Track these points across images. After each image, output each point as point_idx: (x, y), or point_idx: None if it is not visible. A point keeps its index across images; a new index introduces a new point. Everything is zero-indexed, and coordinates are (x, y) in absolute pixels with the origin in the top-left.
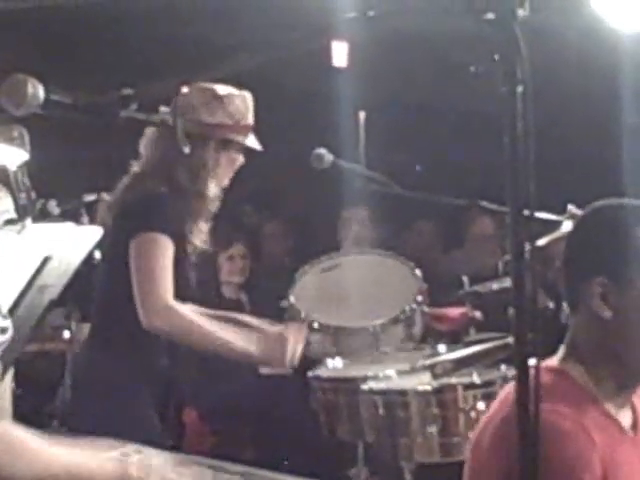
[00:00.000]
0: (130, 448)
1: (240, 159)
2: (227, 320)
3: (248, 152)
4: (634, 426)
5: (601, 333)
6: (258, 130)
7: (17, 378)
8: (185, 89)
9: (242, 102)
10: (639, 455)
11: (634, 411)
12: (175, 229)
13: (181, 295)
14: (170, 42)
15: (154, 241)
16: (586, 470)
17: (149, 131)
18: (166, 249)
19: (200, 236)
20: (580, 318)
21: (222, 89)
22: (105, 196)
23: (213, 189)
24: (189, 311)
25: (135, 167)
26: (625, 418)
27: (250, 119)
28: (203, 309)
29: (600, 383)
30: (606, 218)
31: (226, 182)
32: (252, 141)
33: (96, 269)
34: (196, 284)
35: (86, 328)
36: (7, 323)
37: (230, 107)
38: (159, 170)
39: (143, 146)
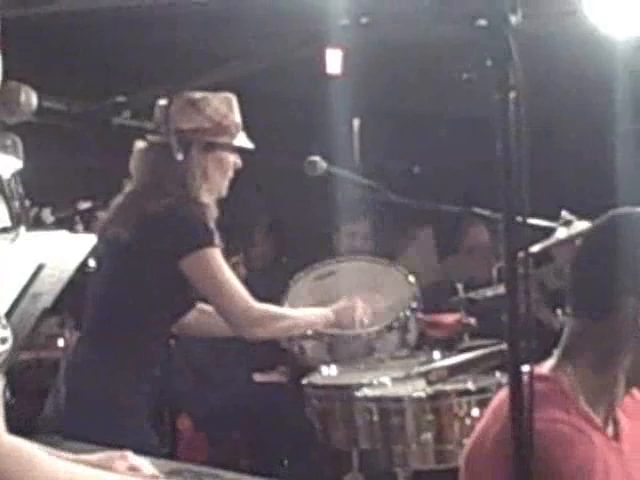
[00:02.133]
0: (125, 455)
1: (231, 159)
2: None
3: (241, 153)
4: (616, 436)
5: (628, 348)
6: (252, 137)
7: (11, 387)
8: (162, 101)
9: (221, 103)
10: (621, 465)
11: (615, 422)
12: (213, 237)
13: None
14: (163, 50)
15: (213, 255)
16: (594, 473)
17: (137, 148)
18: (222, 259)
19: None
20: (602, 328)
21: (197, 94)
22: (104, 213)
23: (207, 195)
24: (272, 308)
25: (129, 185)
26: (608, 428)
27: (233, 118)
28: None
29: (589, 393)
30: (633, 230)
31: (224, 185)
32: (241, 140)
33: (91, 278)
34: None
35: None
36: (7, 333)
37: (207, 110)
38: (156, 184)
39: (133, 163)
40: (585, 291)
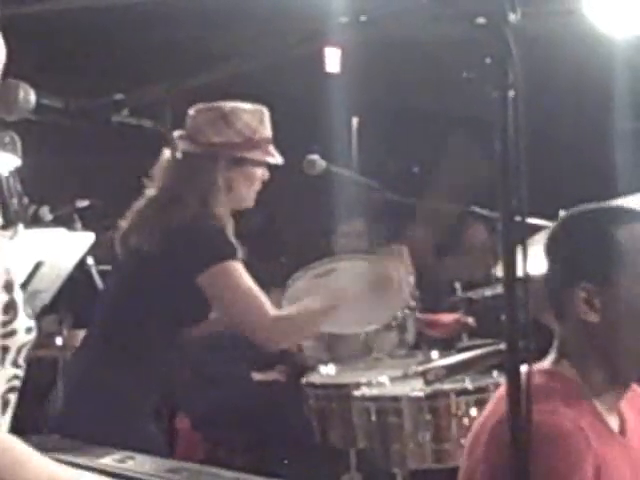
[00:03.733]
0: (122, 455)
1: (259, 173)
2: None
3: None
4: (621, 430)
5: (590, 337)
6: None
7: None
8: (192, 111)
9: (252, 117)
10: (627, 458)
11: (620, 415)
12: (234, 250)
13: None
14: (162, 47)
15: (235, 268)
16: (576, 472)
17: (165, 155)
18: (243, 272)
19: None
20: (567, 324)
21: (229, 106)
22: (121, 223)
23: (227, 207)
24: (292, 311)
25: (150, 189)
26: (613, 421)
27: (264, 133)
28: None
29: (592, 385)
30: (584, 223)
31: (249, 197)
32: (271, 155)
33: (106, 281)
34: None
35: (79, 335)
36: (32, 323)
37: (238, 124)
38: (178, 195)
39: (159, 170)
40: (548, 292)
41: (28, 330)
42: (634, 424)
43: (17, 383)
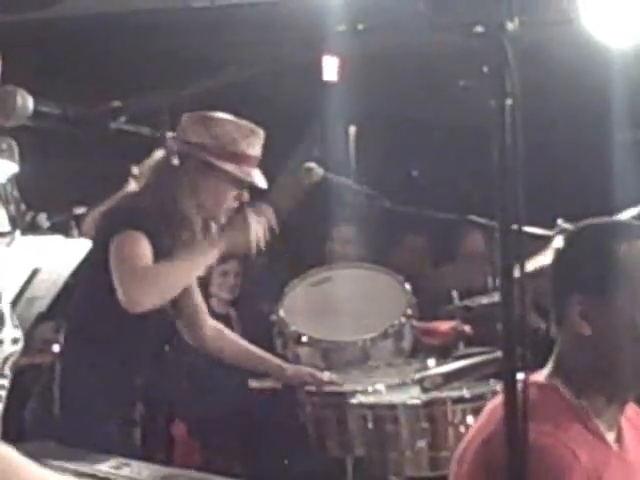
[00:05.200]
0: (118, 461)
1: (228, 189)
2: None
3: (252, 188)
4: (618, 440)
5: (583, 350)
6: None
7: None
8: (185, 114)
9: (236, 129)
10: (624, 470)
11: (619, 430)
12: (151, 230)
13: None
14: (160, 55)
15: (132, 237)
16: None
17: (153, 155)
18: (144, 245)
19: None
20: (564, 334)
21: (217, 114)
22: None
23: (191, 211)
24: (159, 266)
25: (131, 184)
26: (610, 436)
27: (244, 149)
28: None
29: (587, 398)
30: (586, 236)
31: (218, 213)
32: (244, 171)
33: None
34: None
35: None
36: (18, 333)
37: (216, 129)
38: (148, 189)
39: (141, 168)
40: (550, 301)
41: (14, 341)
42: (630, 438)
43: (2, 393)
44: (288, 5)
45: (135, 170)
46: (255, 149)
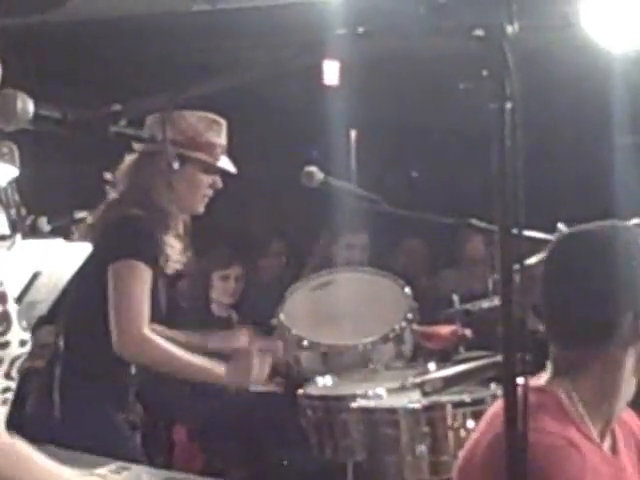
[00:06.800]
0: (118, 465)
1: (203, 178)
2: (195, 345)
3: (225, 175)
4: (613, 449)
5: (619, 363)
6: (248, 148)
7: None
8: (148, 117)
9: (199, 121)
10: (617, 476)
11: (613, 435)
12: (152, 255)
13: (151, 316)
14: (160, 59)
15: (133, 268)
16: None
17: (125, 159)
18: (144, 278)
19: (172, 252)
20: (589, 348)
21: (181, 112)
22: (88, 217)
23: (170, 205)
24: (163, 341)
25: (112, 192)
26: (605, 442)
27: (211, 138)
28: (171, 332)
29: (588, 407)
30: (599, 242)
31: (195, 202)
32: (215, 158)
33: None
34: (187, 300)
35: None
36: (27, 336)
37: (181, 124)
38: (128, 193)
39: (118, 172)
40: (556, 318)
41: (22, 343)
42: (623, 442)
43: (9, 395)
44: (288, 9)
45: (108, 176)
46: (221, 137)
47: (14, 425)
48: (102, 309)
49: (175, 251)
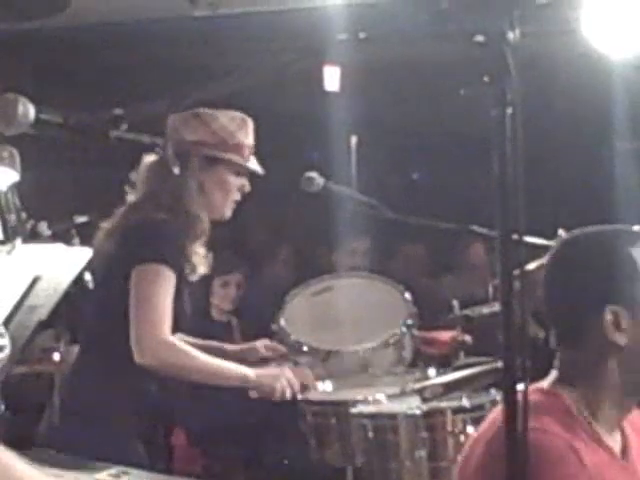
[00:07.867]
0: (118, 469)
1: (234, 180)
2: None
3: (251, 176)
4: (623, 451)
5: (614, 361)
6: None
7: (5, 400)
8: (171, 115)
9: (230, 121)
10: (627, 477)
11: (623, 436)
12: (177, 260)
13: (176, 324)
14: (160, 64)
15: (157, 273)
16: None
17: (144, 161)
18: (168, 282)
19: (198, 260)
20: (587, 348)
21: (207, 110)
22: (103, 224)
23: (204, 211)
24: (185, 346)
25: (131, 196)
26: (615, 443)
27: (242, 139)
28: (192, 339)
29: (593, 408)
30: (599, 244)
31: (225, 206)
32: (247, 160)
33: (88, 293)
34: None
35: (76, 350)
36: (5, 341)
37: (213, 124)
38: (153, 196)
39: (137, 175)
40: (565, 316)
41: (0, 349)
42: (636, 446)
43: None
44: (290, 14)
45: (133, 176)
46: (249, 138)
47: (13, 430)
48: (120, 318)
49: (200, 259)
